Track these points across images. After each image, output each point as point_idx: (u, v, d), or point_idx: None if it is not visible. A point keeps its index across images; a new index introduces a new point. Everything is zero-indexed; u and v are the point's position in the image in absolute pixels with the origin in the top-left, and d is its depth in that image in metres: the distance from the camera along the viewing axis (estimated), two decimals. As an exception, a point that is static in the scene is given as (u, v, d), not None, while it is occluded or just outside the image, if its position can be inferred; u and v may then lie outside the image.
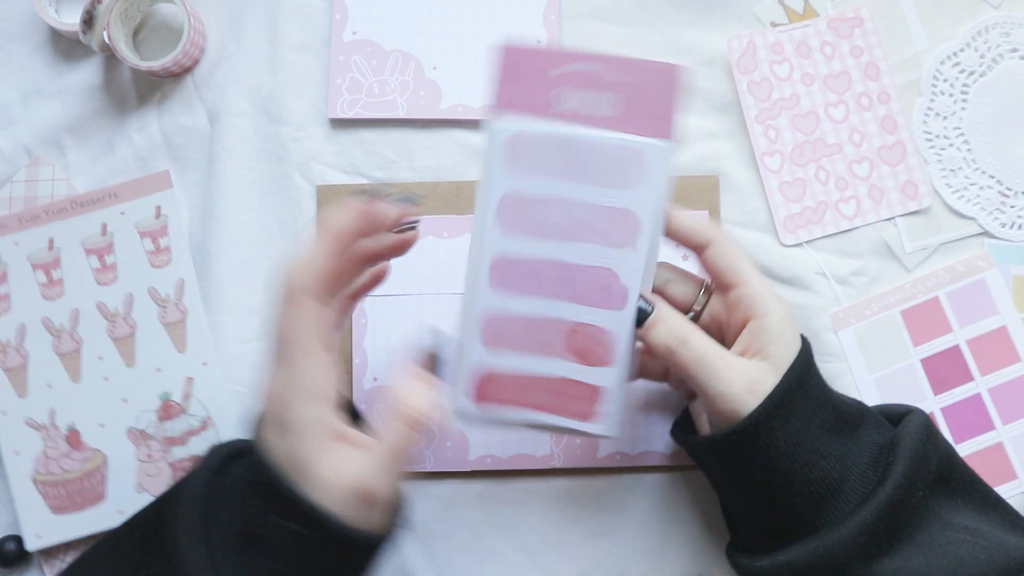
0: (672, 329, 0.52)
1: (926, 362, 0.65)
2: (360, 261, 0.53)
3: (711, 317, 0.56)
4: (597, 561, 0.64)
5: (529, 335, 0.55)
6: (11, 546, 0.64)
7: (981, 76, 0.67)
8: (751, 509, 0.55)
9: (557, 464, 0.64)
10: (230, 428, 0.66)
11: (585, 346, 0.54)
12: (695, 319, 0.55)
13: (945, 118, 0.67)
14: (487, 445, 0.65)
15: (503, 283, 0.54)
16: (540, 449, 0.64)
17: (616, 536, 0.64)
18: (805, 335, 0.55)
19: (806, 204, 0.66)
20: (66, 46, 0.70)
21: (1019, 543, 0.52)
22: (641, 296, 0.53)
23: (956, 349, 0.65)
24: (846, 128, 0.67)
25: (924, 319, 0.65)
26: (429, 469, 0.65)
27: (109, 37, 0.65)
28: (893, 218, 0.66)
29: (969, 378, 0.65)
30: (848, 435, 0.53)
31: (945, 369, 0.65)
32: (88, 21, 0.64)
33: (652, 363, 0.60)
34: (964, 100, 0.67)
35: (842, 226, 0.66)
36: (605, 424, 0.54)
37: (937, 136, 0.67)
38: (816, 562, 0.51)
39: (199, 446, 0.65)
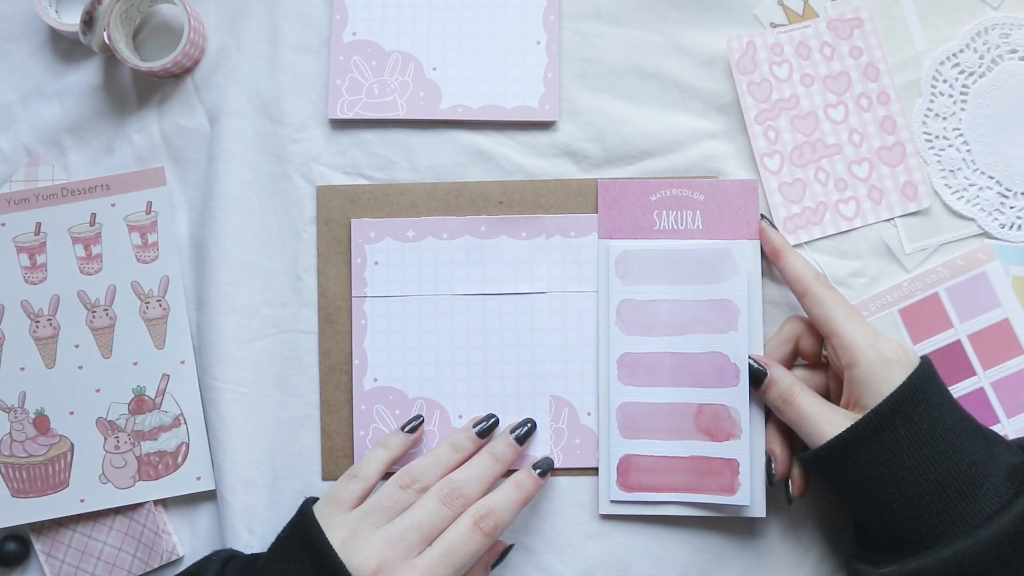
0: (780, 391, 0.59)
1: None
2: None
3: (833, 364, 0.60)
4: (597, 561, 0.64)
5: (661, 421, 0.63)
6: (11, 546, 0.65)
7: (980, 77, 0.67)
8: (872, 516, 0.56)
9: (557, 464, 0.64)
10: (200, 428, 0.66)
11: (712, 424, 0.62)
12: (826, 365, 0.62)
13: (944, 119, 0.67)
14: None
15: (631, 378, 0.64)
16: (540, 450, 0.64)
17: (616, 536, 0.64)
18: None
19: (806, 205, 0.67)
20: (66, 47, 0.70)
21: None
22: (757, 360, 0.61)
23: (957, 344, 0.65)
24: (846, 129, 0.67)
25: (923, 316, 0.65)
26: None
27: (109, 38, 0.65)
28: (893, 219, 0.66)
29: (971, 373, 0.65)
30: (984, 448, 0.54)
31: (945, 365, 0.65)
32: (88, 22, 0.64)
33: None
34: (963, 101, 0.67)
35: (842, 227, 0.66)
36: (747, 494, 0.62)
37: (936, 137, 0.67)
38: (951, 571, 0.50)
39: (169, 442, 0.65)
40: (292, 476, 0.65)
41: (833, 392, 0.61)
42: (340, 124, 0.68)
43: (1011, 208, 0.66)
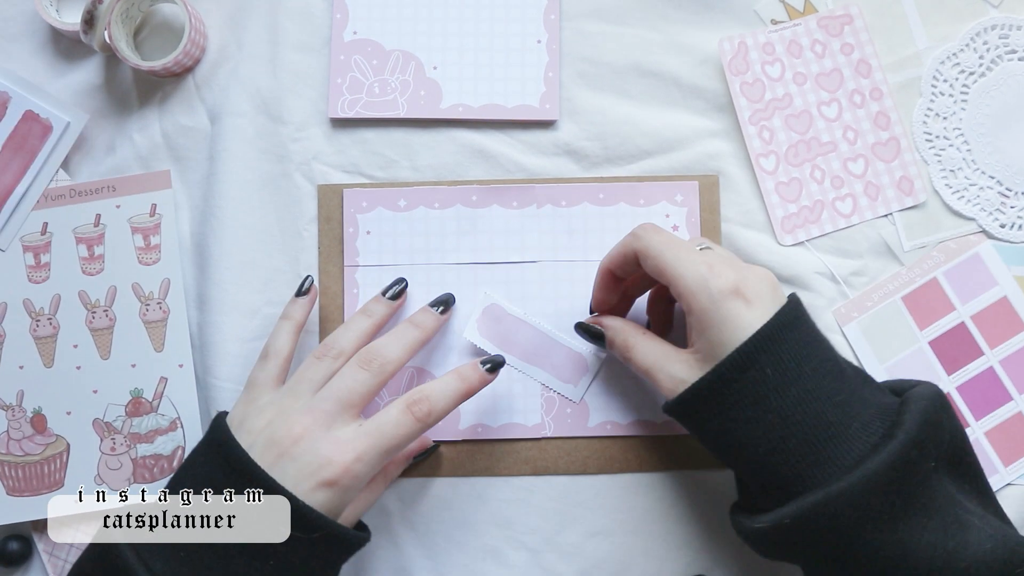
0: (618, 346, 0.59)
1: (934, 343, 0.65)
2: None
3: None
4: (597, 561, 0.64)
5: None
6: (13, 546, 0.65)
7: (981, 77, 0.67)
8: (740, 464, 0.53)
9: (548, 433, 0.64)
10: (197, 432, 0.66)
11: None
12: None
13: (945, 118, 0.67)
14: (478, 414, 0.65)
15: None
16: (531, 418, 0.64)
17: (616, 536, 0.64)
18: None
19: (803, 204, 0.66)
20: (67, 46, 0.70)
21: (1020, 538, 0.50)
22: (589, 324, 0.62)
23: (962, 326, 0.65)
24: (839, 126, 0.67)
25: (926, 301, 0.65)
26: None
27: (110, 37, 0.65)
28: (890, 214, 0.66)
29: (979, 353, 0.65)
30: (850, 388, 0.51)
31: (954, 348, 0.65)
32: (89, 21, 0.64)
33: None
34: (964, 101, 0.67)
35: (839, 224, 0.66)
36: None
37: (937, 136, 0.67)
38: (820, 520, 0.48)
39: (164, 446, 0.65)
40: (291, 474, 0.65)
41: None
42: (341, 123, 0.68)
43: (1011, 208, 0.66)
